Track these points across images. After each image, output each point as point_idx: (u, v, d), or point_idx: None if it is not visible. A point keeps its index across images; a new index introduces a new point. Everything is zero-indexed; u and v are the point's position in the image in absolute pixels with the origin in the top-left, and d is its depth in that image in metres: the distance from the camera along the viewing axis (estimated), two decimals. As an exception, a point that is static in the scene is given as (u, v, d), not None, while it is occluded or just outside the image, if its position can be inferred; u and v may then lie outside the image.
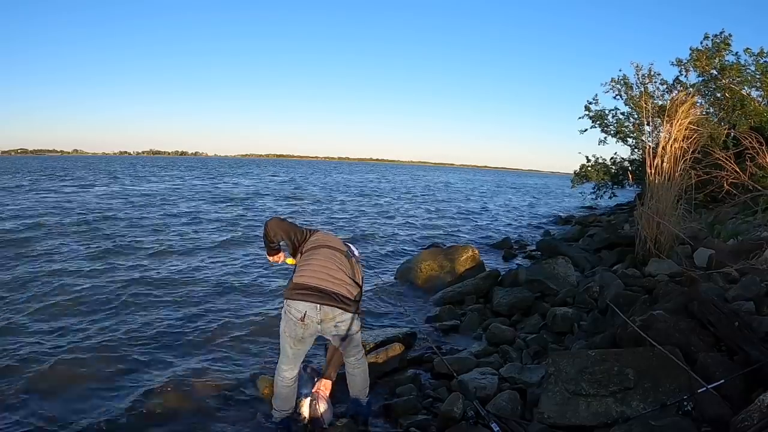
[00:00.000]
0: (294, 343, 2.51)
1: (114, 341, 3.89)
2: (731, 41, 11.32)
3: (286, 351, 2.56)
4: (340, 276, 2.53)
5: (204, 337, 4.11)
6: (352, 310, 2.51)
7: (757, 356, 2.37)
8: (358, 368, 2.69)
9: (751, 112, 10.60)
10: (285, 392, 2.62)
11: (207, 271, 6.27)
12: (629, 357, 2.50)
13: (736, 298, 3.31)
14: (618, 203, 17.16)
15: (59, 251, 6.99)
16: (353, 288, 2.56)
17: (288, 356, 2.56)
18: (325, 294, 2.44)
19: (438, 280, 5.92)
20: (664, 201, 5.48)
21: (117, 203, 13.67)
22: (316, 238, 2.71)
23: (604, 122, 14.55)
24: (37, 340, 3.84)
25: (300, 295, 2.43)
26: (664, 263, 4.90)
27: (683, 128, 5.61)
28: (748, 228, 5.85)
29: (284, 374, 2.59)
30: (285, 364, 2.58)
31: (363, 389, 2.73)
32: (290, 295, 2.46)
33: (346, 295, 2.49)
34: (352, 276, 2.60)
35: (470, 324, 4.48)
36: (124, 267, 6.28)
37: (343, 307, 2.46)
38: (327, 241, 2.71)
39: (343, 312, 2.47)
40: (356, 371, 2.70)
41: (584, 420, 2.34)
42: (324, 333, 2.53)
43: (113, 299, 4.95)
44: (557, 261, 5.42)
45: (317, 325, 2.46)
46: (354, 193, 22.09)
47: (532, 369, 3.17)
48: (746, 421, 1.95)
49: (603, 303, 4.08)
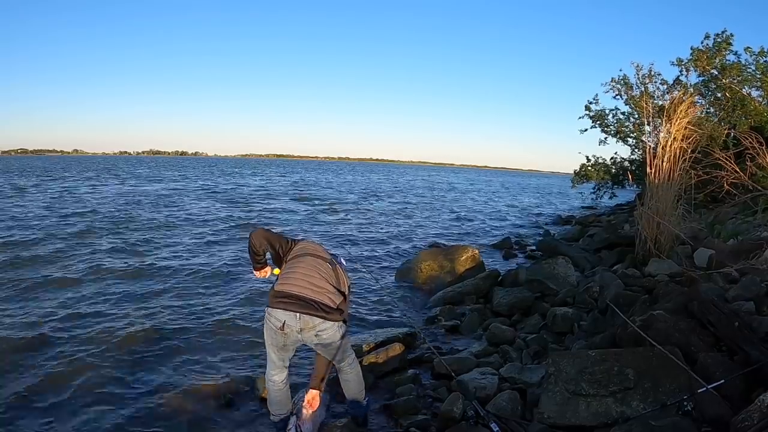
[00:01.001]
0: (276, 350, 2.50)
1: (114, 341, 3.89)
2: (733, 41, 11.32)
3: (271, 357, 2.55)
4: (322, 284, 2.49)
5: (204, 336, 4.11)
6: (333, 319, 2.45)
7: (757, 356, 2.37)
8: (350, 373, 2.66)
9: (752, 112, 10.60)
10: (278, 396, 2.62)
11: (207, 272, 6.27)
12: (629, 357, 2.49)
13: (736, 298, 3.31)
14: (618, 203, 17.16)
15: (66, 253, 7.00)
16: (336, 296, 2.51)
17: (274, 362, 2.55)
18: (305, 302, 2.39)
19: (438, 280, 5.92)
20: (664, 201, 5.47)
21: (132, 201, 13.80)
22: (301, 247, 2.68)
23: (605, 122, 14.55)
24: (36, 341, 3.85)
25: (280, 303, 2.40)
26: (664, 263, 4.90)
27: (682, 128, 5.61)
28: (748, 228, 5.84)
29: (274, 378, 2.58)
30: (272, 369, 2.57)
31: (359, 392, 2.71)
32: (271, 303, 2.44)
33: (327, 304, 2.44)
34: (336, 284, 2.56)
35: (470, 324, 4.48)
36: (127, 266, 6.29)
37: (323, 316, 2.40)
38: (310, 249, 2.67)
39: (324, 320, 2.41)
40: (349, 376, 2.67)
41: (584, 420, 2.34)
42: (306, 342, 2.48)
43: (114, 299, 4.95)
44: (557, 261, 5.42)
45: (297, 334, 2.42)
46: (388, 192, 22.08)
47: (532, 369, 3.16)
48: (746, 421, 1.95)
49: (603, 303, 4.07)
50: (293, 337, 2.44)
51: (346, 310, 2.57)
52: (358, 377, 2.70)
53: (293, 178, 34.35)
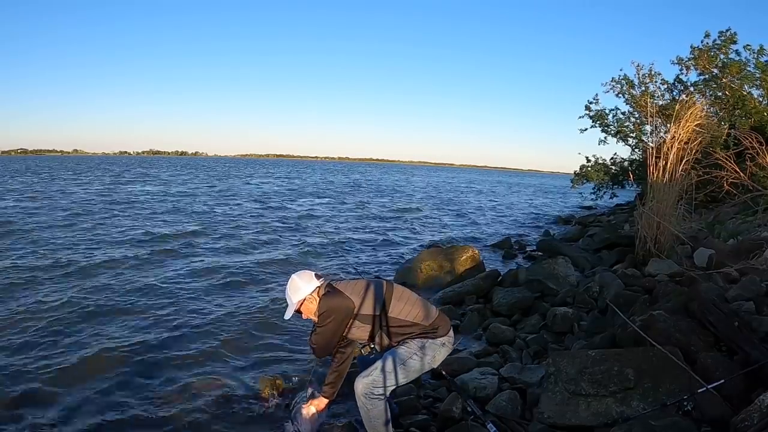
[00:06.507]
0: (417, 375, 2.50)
1: (114, 340, 3.89)
2: (737, 39, 11.32)
3: (400, 381, 2.38)
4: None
5: (205, 336, 4.11)
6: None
7: (757, 356, 2.37)
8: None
9: (752, 111, 10.60)
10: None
11: (208, 270, 6.27)
12: (629, 357, 2.49)
13: (736, 298, 3.30)
14: (618, 203, 17.16)
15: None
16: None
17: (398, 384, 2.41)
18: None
19: (438, 280, 5.91)
20: (665, 201, 5.47)
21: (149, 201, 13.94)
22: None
23: (605, 122, 14.54)
24: (36, 341, 3.85)
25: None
26: (664, 263, 4.89)
27: (690, 130, 5.58)
28: (748, 228, 5.84)
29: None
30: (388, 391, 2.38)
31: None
32: (441, 334, 2.46)
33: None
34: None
35: (470, 324, 4.47)
36: (130, 266, 6.31)
37: None
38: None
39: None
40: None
41: (584, 420, 2.34)
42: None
43: (114, 298, 4.96)
44: (557, 261, 5.42)
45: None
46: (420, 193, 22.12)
47: (532, 369, 3.16)
48: (746, 421, 1.95)
49: (603, 303, 4.07)
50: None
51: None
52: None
53: (342, 178, 34.24)
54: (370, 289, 2.43)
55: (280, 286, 5.21)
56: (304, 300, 2.42)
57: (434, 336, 2.41)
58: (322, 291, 2.42)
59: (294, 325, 4.20)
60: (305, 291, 2.41)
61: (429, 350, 2.39)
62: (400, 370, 2.33)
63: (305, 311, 2.46)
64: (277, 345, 4.02)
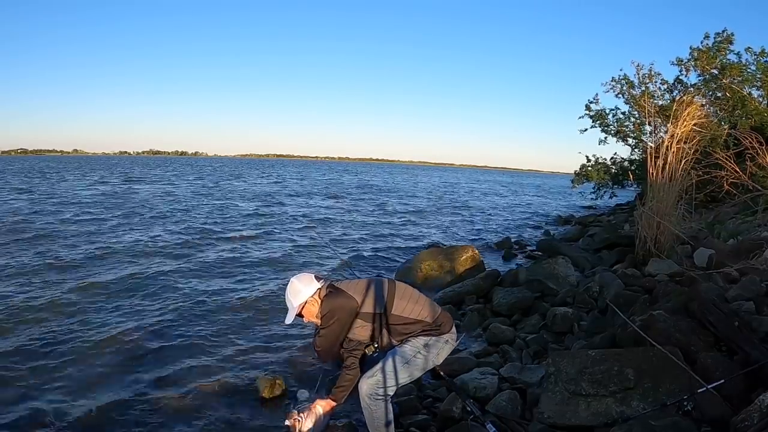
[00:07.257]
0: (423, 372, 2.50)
1: (114, 340, 3.89)
2: (733, 40, 11.32)
3: (403, 380, 2.37)
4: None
5: (205, 336, 4.11)
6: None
7: (757, 356, 2.37)
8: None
9: (752, 112, 10.59)
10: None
11: (208, 271, 6.28)
12: (629, 357, 2.49)
13: (736, 298, 3.30)
14: (618, 203, 17.16)
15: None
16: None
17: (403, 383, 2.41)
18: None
19: (438, 280, 5.91)
20: (665, 201, 5.46)
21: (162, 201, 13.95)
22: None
23: (605, 122, 14.54)
24: (37, 339, 3.86)
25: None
26: (664, 263, 4.89)
27: (688, 130, 5.58)
28: (748, 228, 5.84)
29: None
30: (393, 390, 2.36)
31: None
32: (444, 331, 2.47)
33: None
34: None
35: (470, 324, 4.47)
36: (133, 264, 6.30)
37: None
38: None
39: None
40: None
41: (584, 420, 2.34)
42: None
43: (114, 296, 4.96)
44: (557, 261, 5.41)
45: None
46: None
47: (532, 369, 3.16)
48: (746, 421, 1.95)
49: (603, 303, 4.07)
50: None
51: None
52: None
53: (329, 178, 34.30)
54: (372, 288, 2.41)
55: (280, 287, 5.22)
56: (305, 303, 2.39)
57: (438, 333, 2.40)
58: (323, 292, 2.39)
59: (294, 326, 4.20)
60: (306, 294, 2.39)
61: (433, 348, 2.38)
62: (405, 369, 2.32)
63: (307, 315, 2.42)
64: (277, 346, 4.02)
